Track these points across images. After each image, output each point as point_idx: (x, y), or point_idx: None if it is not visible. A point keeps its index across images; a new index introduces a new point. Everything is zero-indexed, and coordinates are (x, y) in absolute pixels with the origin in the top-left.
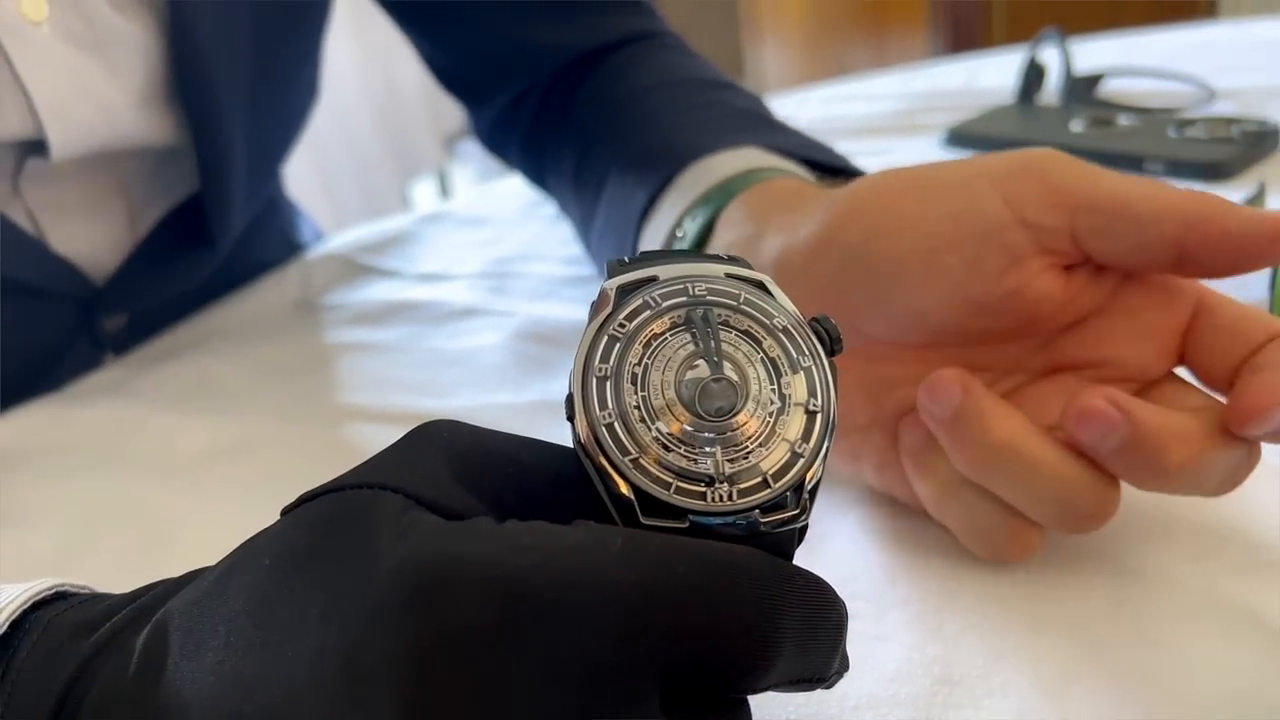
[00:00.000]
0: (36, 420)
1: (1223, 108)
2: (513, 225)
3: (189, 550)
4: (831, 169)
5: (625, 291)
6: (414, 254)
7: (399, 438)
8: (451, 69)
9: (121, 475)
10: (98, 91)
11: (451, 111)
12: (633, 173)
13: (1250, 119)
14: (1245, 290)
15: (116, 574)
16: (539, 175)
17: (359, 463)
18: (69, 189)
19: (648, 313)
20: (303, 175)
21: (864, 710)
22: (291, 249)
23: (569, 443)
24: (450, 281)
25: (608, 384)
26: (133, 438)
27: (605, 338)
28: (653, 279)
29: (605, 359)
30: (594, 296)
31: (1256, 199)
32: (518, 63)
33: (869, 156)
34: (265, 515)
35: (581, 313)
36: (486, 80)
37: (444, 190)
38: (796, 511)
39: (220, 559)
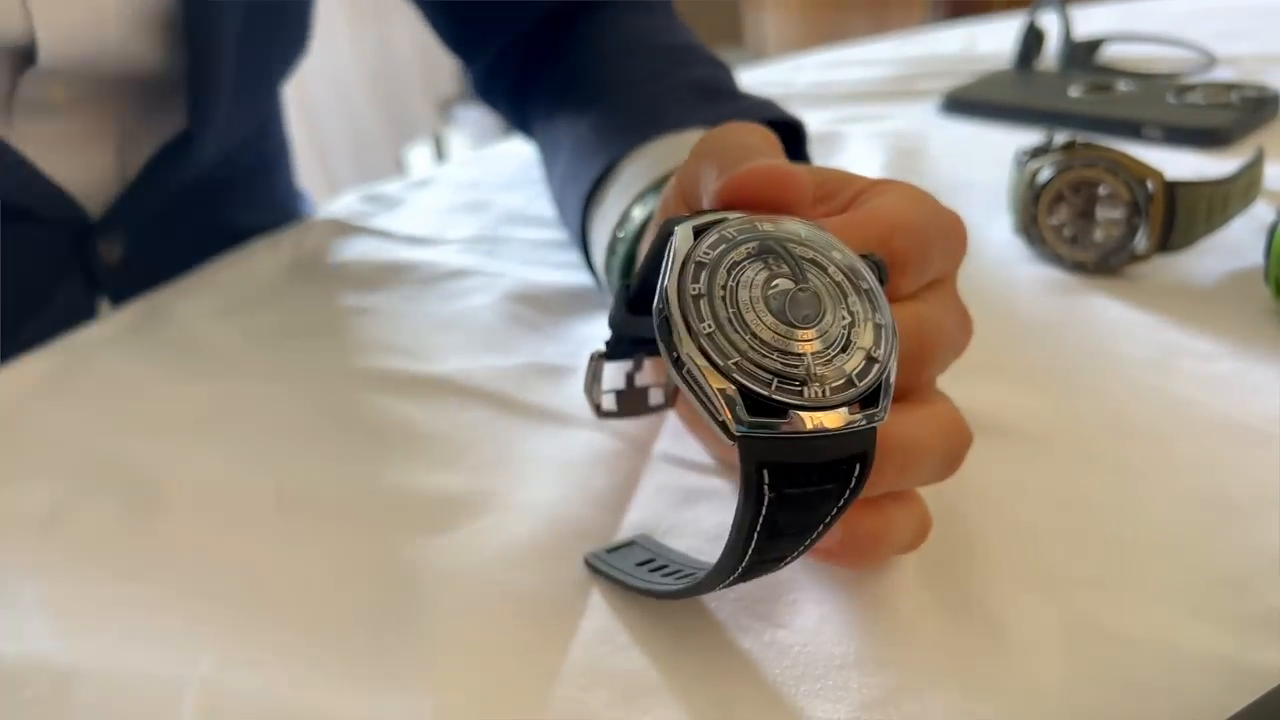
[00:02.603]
0: (29, 379)
1: (1222, 74)
2: (505, 189)
3: (182, 511)
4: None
5: (698, 232)
6: (406, 218)
7: None
8: (444, 24)
9: (114, 436)
10: None
11: (447, 77)
12: (583, 152)
13: (1250, 85)
14: (1241, 257)
15: (108, 534)
16: (525, 125)
17: (351, 424)
18: (62, 122)
19: (725, 245)
20: (297, 140)
21: (849, 670)
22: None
23: (565, 401)
24: (442, 245)
25: (702, 301)
26: (125, 399)
27: (693, 265)
28: (722, 219)
29: (696, 280)
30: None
31: (1255, 165)
32: (501, 13)
33: (865, 122)
34: (258, 476)
35: (574, 277)
36: (474, 33)
37: (439, 155)
38: (878, 410)
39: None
